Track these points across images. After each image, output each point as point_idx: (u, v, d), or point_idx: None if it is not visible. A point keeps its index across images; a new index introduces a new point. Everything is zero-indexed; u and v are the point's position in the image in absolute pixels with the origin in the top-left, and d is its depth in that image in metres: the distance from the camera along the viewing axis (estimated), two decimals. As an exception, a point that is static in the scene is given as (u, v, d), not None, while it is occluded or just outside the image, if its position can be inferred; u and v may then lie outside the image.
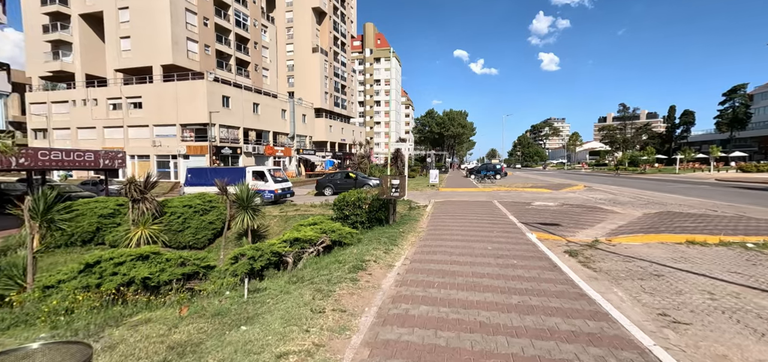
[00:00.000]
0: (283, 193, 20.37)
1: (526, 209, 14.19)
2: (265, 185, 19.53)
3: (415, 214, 12.77)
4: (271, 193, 19.44)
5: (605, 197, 19.21)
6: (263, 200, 19.30)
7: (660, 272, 6.24)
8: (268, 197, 19.34)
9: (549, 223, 10.97)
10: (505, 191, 23.22)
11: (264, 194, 19.34)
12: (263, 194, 19.32)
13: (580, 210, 13.88)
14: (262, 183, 19.58)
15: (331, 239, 8.76)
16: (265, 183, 19.57)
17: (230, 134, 38.23)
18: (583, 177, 45.66)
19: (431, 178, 27.57)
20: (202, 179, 20.40)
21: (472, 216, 12.07)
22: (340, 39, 74.47)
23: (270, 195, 19.40)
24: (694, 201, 16.75)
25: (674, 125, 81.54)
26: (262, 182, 19.60)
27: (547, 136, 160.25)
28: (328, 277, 5.61)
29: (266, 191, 19.42)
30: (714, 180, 35.27)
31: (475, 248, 7.55)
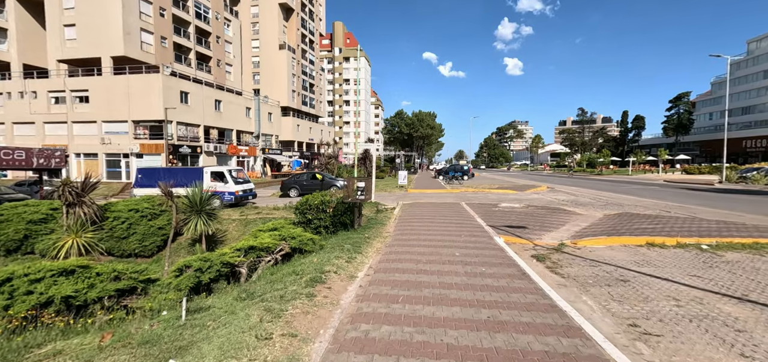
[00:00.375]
0: (244, 195, 19.31)
1: (493, 211, 14.17)
2: (225, 187, 18.41)
3: (383, 217, 12.35)
4: (231, 195, 18.36)
5: (567, 199, 19.74)
6: (222, 202, 18.22)
7: (625, 277, 6.18)
8: (228, 200, 18.26)
9: (515, 226, 10.92)
10: (473, 193, 23.38)
11: (223, 197, 18.25)
12: (222, 197, 18.23)
13: (545, 212, 14.04)
14: (222, 184, 18.44)
15: (290, 247, 8.13)
16: (225, 184, 18.45)
17: (189, 132, 36.12)
18: (545, 178, 47.33)
19: (400, 179, 27.35)
20: (154, 180, 18.88)
21: (440, 219, 11.82)
22: (309, 37, 72.90)
23: (230, 197, 18.31)
24: (648, 202, 17.55)
25: (627, 129, 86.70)
26: (222, 184, 18.46)
27: (512, 138, 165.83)
28: (282, 292, 5.03)
29: (226, 193, 18.32)
30: (663, 181, 37.63)
31: (442, 255, 7.22)
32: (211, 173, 18.77)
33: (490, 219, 11.97)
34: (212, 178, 18.58)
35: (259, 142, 47.48)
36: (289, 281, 5.62)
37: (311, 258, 7.14)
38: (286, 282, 5.55)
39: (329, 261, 6.62)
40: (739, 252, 7.73)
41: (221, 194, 18.33)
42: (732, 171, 34.76)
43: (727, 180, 32.91)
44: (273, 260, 7.66)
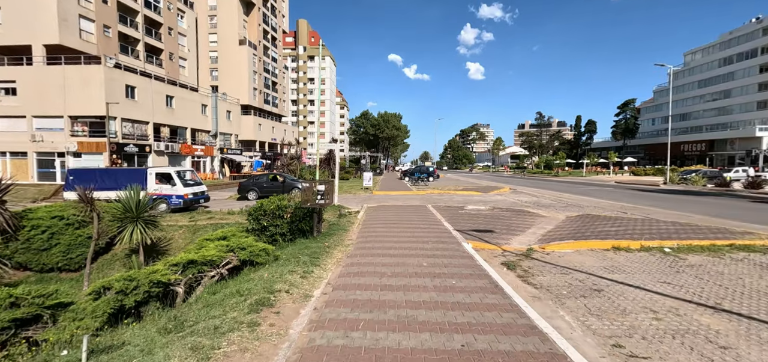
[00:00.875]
0: (195, 198, 17.77)
1: (459, 214, 13.85)
2: (172, 190, 16.81)
3: (346, 222, 11.60)
4: (179, 199, 16.79)
5: (529, 200, 20.00)
6: (169, 207, 16.65)
7: (599, 285, 5.89)
8: (176, 204, 16.71)
9: (483, 229, 10.59)
10: (439, 195, 23.17)
11: (170, 200, 16.68)
12: (169, 200, 16.67)
13: (510, 214, 13.93)
14: (169, 187, 16.84)
15: (239, 259, 7.19)
16: (172, 187, 16.85)
17: (137, 129, 33.23)
18: (506, 180, 48.62)
19: (365, 181, 26.66)
20: (89, 182, 16.86)
21: (406, 223, 11.26)
22: (271, 33, 70.36)
23: (178, 201, 16.76)
24: (604, 203, 18.12)
25: (580, 133, 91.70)
26: (169, 186, 16.85)
27: (475, 140, 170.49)
28: (219, 320, 4.17)
29: (173, 196, 16.75)
30: (614, 183, 39.81)
31: (409, 265, 6.62)
32: (156, 174, 17.10)
33: (457, 223, 11.59)
34: (157, 180, 16.92)
35: (216, 141, 44.85)
36: (231, 304, 4.76)
37: (261, 273, 6.26)
38: (226, 306, 4.68)
39: (282, 277, 5.80)
40: (700, 255, 7.80)
41: (168, 197, 16.74)
42: (674, 173, 37.32)
43: (670, 181, 35.29)
44: (218, 276, 6.69)
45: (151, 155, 34.31)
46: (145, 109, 33.87)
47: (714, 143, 66.52)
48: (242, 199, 22.22)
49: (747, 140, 59.65)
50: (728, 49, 67.79)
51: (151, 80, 34.79)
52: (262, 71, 67.24)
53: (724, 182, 31.01)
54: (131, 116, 32.42)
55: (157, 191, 16.76)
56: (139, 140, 33.23)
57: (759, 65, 61.91)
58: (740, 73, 65.19)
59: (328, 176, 29.18)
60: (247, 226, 9.79)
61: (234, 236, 8.86)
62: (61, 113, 30.15)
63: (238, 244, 7.52)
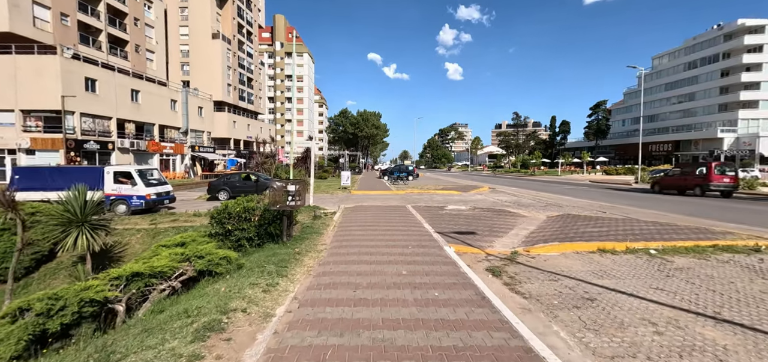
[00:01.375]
0: (158, 199, 16.55)
1: (440, 214, 13.38)
2: (133, 190, 15.55)
3: (320, 225, 10.87)
4: (140, 199, 15.55)
5: (509, 199, 19.83)
6: (130, 208, 15.43)
7: (591, 294, 5.47)
8: (137, 205, 15.49)
9: (465, 231, 10.12)
10: (418, 194, 22.72)
11: (130, 201, 15.45)
12: (129, 201, 15.44)
13: (491, 215, 13.58)
14: (128, 187, 15.57)
15: (195, 269, 6.37)
16: (133, 187, 15.58)
17: (98, 125, 31.12)
18: (485, 179, 48.93)
19: (343, 180, 25.89)
20: (37, 181, 15.43)
21: (385, 225, 10.65)
22: (246, 27, 68.18)
23: (139, 202, 15.52)
24: (582, 202, 18.14)
25: (555, 133, 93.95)
26: (128, 186, 15.58)
27: (453, 140, 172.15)
28: (153, 354, 3.42)
29: (134, 197, 15.50)
30: (588, 182, 40.69)
31: (387, 275, 6.01)
32: (115, 173, 15.76)
33: (438, 224, 11.08)
34: (116, 179, 15.62)
35: (187, 139, 42.84)
36: (174, 328, 3.99)
37: (219, 286, 5.49)
38: (167, 331, 3.91)
39: (241, 292, 5.05)
40: (686, 257, 7.57)
41: (128, 198, 15.50)
42: (644, 172, 38.47)
43: (641, 181, 36.32)
44: (169, 290, 5.87)
45: (115, 152, 32.26)
46: (107, 103, 31.77)
47: (679, 144, 69.52)
48: (213, 199, 21.00)
49: (710, 141, 62.65)
50: (692, 54, 71.01)
51: (114, 73, 32.68)
52: (237, 67, 65.04)
53: (692, 181, 32.15)
54: (92, 111, 30.31)
55: (116, 191, 15.49)
56: (100, 136, 31.13)
57: (721, 70, 65.14)
58: (703, 77, 68.41)
59: (305, 175, 28.22)
60: (209, 231, 8.91)
61: (194, 241, 8.01)
62: (12, 106, 27.80)
63: (195, 252, 6.69)
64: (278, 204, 8.38)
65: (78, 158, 28.86)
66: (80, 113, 29.12)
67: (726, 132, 61.02)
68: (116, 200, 15.48)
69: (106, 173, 15.60)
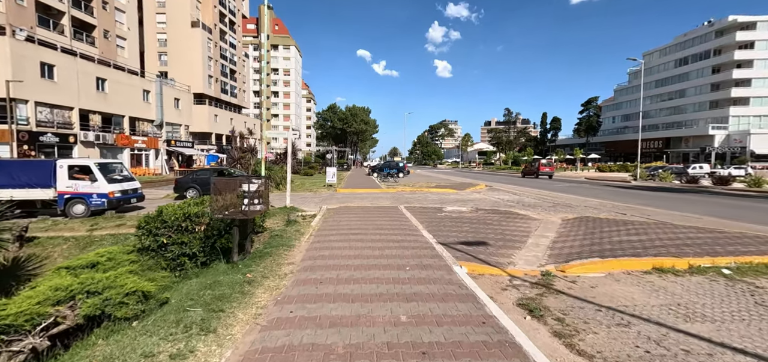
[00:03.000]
0: (124, 197, 14.22)
1: (438, 218, 11.36)
2: (93, 187, 13.20)
3: (293, 233, 8.72)
4: (102, 198, 13.24)
5: (511, 198, 17.99)
6: (89, 208, 13.17)
7: (694, 353, 3.50)
8: (98, 204, 13.22)
9: (473, 242, 8.13)
10: (411, 192, 20.70)
11: (90, 200, 13.17)
12: (88, 201, 13.17)
13: (498, 217, 11.62)
14: (87, 183, 13.24)
15: (83, 314, 4.18)
16: (93, 183, 13.23)
17: (57, 115, 28.16)
18: (477, 176, 47.26)
19: (328, 177, 23.69)
20: None
21: (374, 234, 8.57)
22: (228, 16, 64.99)
23: (101, 201, 13.24)
24: (593, 202, 16.38)
25: (546, 130, 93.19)
26: (87, 182, 13.25)
27: (443, 136, 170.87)
28: None
29: (94, 195, 13.18)
30: (584, 179, 39.37)
31: (377, 323, 3.93)
32: (70, 166, 13.36)
33: (439, 231, 9.06)
34: (72, 174, 13.25)
35: (162, 132, 39.91)
36: None
37: (102, 352, 3.32)
38: None
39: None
40: (773, 279, 5.71)
41: (87, 196, 13.18)
42: (642, 170, 37.25)
43: (639, 178, 35.08)
44: (26, 355, 3.66)
45: (77, 146, 29.36)
46: (68, 92, 28.81)
47: (670, 141, 69.20)
48: (181, 198, 18.59)
49: (701, 138, 62.28)
50: (683, 50, 70.68)
51: (75, 59, 29.68)
52: (219, 58, 61.90)
53: (693, 178, 30.99)
54: (49, 100, 27.36)
55: (71, 188, 13.13)
56: (60, 128, 28.20)
57: (711, 66, 64.85)
58: (694, 74, 68.11)
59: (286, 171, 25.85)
60: (138, 243, 6.68)
61: (110, 260, 5.81)
62: (-46, 93, 24.71)
63: (90, 281, 4.49)
64: (228, 210, 6.19)
65: (33, 152, 25.94)
66: (35, 102, 26.17)
67: (717, 129, 60.71)
68: (72, 199, 13.15)
69: (59, 166, 13.17)
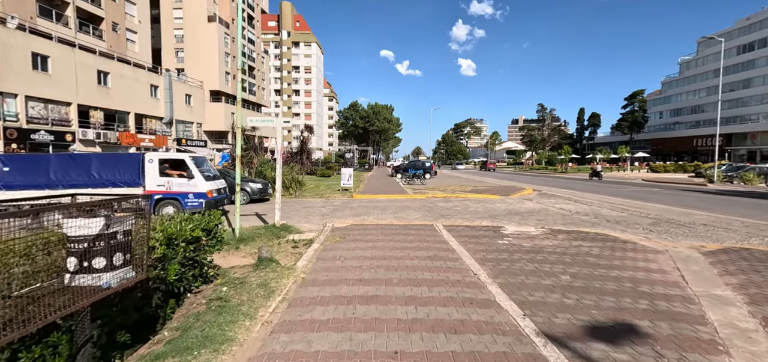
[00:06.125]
0: (219, 197, 11.66)
1: (502, 248, 7.23)
2: (189, 185, 10.68)
3: (255, 289, 4.86)
4: (198, 198, 10.72)
5: (578, 209, 13.53)
6: (182, 211, 10.24)
7: None
8: (194, 206, 10.67)
9: (603, 327, 4.00)
10: (444, 199, 16.56)
11: (185, 202, 10.65)
12: (183, 201, 10.64)
13: (596, 248, 7.33)
14: (182, 181, 10.77)
15: None
16: (189, 181, 10.71)
17: (52, 111, 25.87)
18: (510, 176, 42.30)
19: (343, 180, 19.88)
20: (37, 174, 10.21)
21: (402, 290, 4.63)
22: (247, 10, 62.74)
23: (198, 203, 10.72)
24: (698, 216, 11.67)
25: (583, 127, 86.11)
26: (182, 180, 10.78)
27: (469, 135, 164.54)
28: None
29: (190, 194, 10.68)
30: (641, 180, 33.83)
31: None
32: (161, 161, 10.77)
33: (518, 284, 4.96)
34: (164, 170, 10.74)
35: (171, 130, 37.54)
36: None
37: None
38: None
39: None
40: None
41: (181, 196, 10.71)
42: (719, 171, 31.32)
43: (718, 180, 29.33)
44: None
45: (75, 145, 27.01)
46: (64, 86, 26.50)
47: (731, 137, 61.32)
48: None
49: None
50: (747, 35, 62.47)
51: (73, 50, 27.36)
52: (237, 54, 59.65)
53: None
54: (42, 94, 25.06)
55: (164, 187, 10.59)
56: (56, 125, 25.89)
57: (784, 52, 56.71)
58: (762, 61, 59.87)
59: (297, 172, 22.32)
60: None
61: None
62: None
63: None
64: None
65: (23, 151, 23.63)
66: (25, 96, 23.88)
67: (792, 123, 52.78)
68: (163, 200, 10.67)
69: (148, 161, 10.55)
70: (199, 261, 4.74)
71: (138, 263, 2.64)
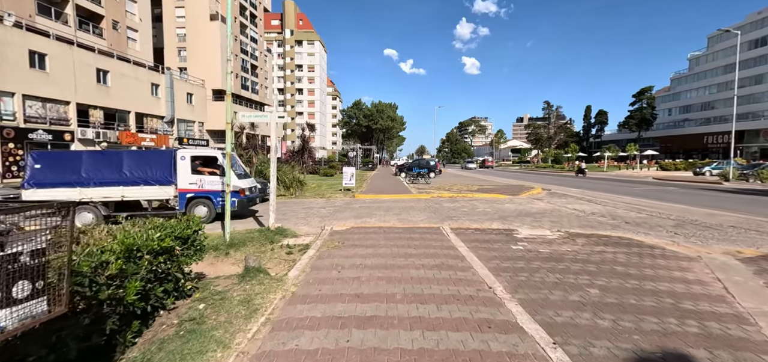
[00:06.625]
0: (252, 196, 11.27)
1: (517, 255, 6.53)
2: (221, 183, 10.07)
3: (235, 308, 4.22)
4: (232, 197, 9.85)
5: (594, 209, 12.78)
6: (214, 210, 10.08)
7: None
8: (230, 205, 9.97)
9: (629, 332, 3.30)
10: (451, 200, 15.86)
11: (217, 200, 10.13)
12: (215, 201, 10.15)
13: (622, 254, 6.61)
14: (214, 178, 10.34)
15: None
16: (222, 178, 10.11)
17: (50, 110, 25.47)
18: (515, 175, 41.44)
19: (345, 179, 19.22)
20: (69, 172, 9.77)
21: (406, 308, 3.96)
22: (249, 9, 62.30)
23: (231, 202, 10.14)
24: (721, 216, 10.86)
25: (590, 125, 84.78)
26: (214, 177, 10.34)
27: (473, 133, 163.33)
28: None
29: (220, 193, 10.13)
30: (651, 179, 32.88)
31: None
32: (193, 158, 10.36)
33: (540, 299, 4.27)
34: (196, 167, 10.33)
35: (173, 129, 37.12)
36: None
37: None
38: None
39: None
40: None
41: (214, 195, 10.24)
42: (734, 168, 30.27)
43: (733, 178, 28.33)
44: None
45: (74, 144, 26.62)
46: (63, 84, 26.08)
47: (743, 134, 59.80)
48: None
49: (784, 130, 52.99)
50: (759, 29, 60.92)
51: (71, 48, 26.94)
52: (239, 52, 59.29)
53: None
54: (40, 93, 24.64)
55: (196, 185, 10.14)
56: (54, 124, 25.49)
57: (799, 46, 55.17)
58: (775, 55, 58.40)
59: (299, 171, 21.72)
60: None
61: None
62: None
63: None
64: None
65: (20, 151, 23.25)
66: (23, 95, 23.47)
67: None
68: (195, 199, 10.16)
69: (180, 158, 10.13)
70: (172, 275, 4.10)
71: (56, 293, 2.01)
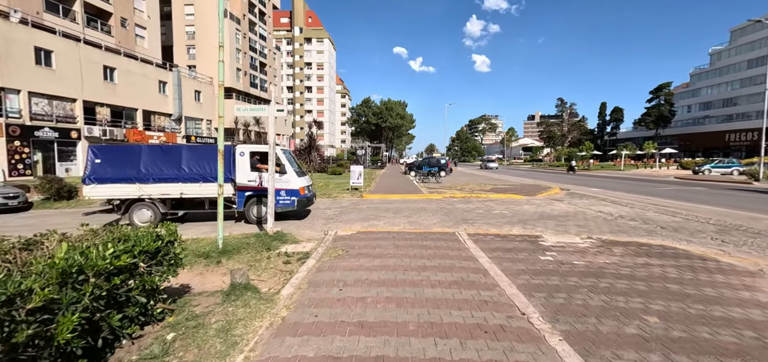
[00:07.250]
0: (310, 194, 10.82)
1: (548, 269, 5.65)
2: (282, 181, 9.70)
3: (229, 324, 3.45)
4: (291, 195, 9.91)
5: (621, 212, 11.75)
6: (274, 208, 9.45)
7: None
8: (286, 204, 9.93)
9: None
10: (464, 201, 14.95)
11: (277, 199, 9.64)
12: (276, 199, 9.50)
13: (672, 269, 5.67)
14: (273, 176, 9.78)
15: None
16: (282, 176, 9.75)
17: (56, 108, 25.25)
18: (528, 174, 40.16)
19: (352, 178, 18.43)
20: (128, 166, 9.42)
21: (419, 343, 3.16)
22: (258, 6, 62.00)
23: (289, 200, 9.96)
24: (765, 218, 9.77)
25: (605, 122, 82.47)
26: (275, 175, 9.61)
27: (484, 131, 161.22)
28: None
29: (282, 191, 9.80)
30: (673, 178, 31.38)
31: None
32: (253, 153, 9.89)
33: (582, 328, 3.40)
34: (255, 164, 9.85)
35: (180, 127, 36.86)
36: None
37: None
38: None
39: None
40: None
41: (275, 193, 9.52)
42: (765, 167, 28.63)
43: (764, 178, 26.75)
44: None
45: (81, 141, 26.40)
46: (69, 82, 25.84)
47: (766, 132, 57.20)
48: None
49: (815, 127, 50.38)
50: (787, 22, 58.14)
51: (78, 45, 26.67)
52: (248, 50, 59.04)
53: None
54: (46, 90, 24.40)
55: (255, 182, 9.70)
56: (60, 122, 25.28)
57: (830, 39, 52.50)
58: (804, 49, 55.71)
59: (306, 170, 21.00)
60: None
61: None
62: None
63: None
64: None
65: (26, 149, 23.05)
66: (29, 92, 23.24)
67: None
68: (254, 197, 9.76)
69: (239, 154, 9.70)
70: (134, 299, 3.34)
71: None
